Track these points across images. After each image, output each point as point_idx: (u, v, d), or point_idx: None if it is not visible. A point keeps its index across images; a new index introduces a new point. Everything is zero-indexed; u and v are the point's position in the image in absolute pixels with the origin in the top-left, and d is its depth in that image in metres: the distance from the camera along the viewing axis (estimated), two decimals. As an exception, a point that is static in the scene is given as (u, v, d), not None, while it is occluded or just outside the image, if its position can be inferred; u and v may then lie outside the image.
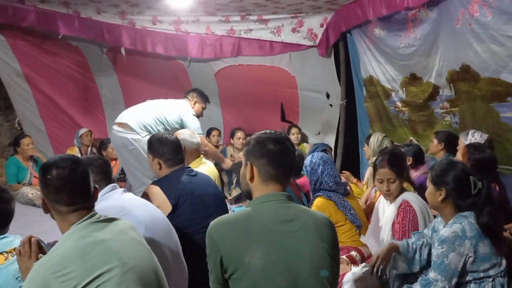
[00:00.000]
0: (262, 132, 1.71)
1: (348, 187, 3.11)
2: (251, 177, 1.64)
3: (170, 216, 2.41)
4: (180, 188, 2.52)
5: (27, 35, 5.20)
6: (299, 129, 5.89)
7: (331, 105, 5.84)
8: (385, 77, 4.77)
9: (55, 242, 1.75)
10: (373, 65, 4.91)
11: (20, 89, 5.53)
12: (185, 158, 2.88)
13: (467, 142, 3.29)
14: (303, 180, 3.68)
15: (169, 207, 2.46)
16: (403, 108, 4.70)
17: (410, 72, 4.33)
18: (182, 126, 3.91)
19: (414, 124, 4.67)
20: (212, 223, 1.56)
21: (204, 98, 4.30)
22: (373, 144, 4.07)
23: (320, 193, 2.96)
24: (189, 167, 2.80)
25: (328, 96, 5.80)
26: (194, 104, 4.22)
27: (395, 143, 4.43)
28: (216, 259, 1.51)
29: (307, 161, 3.11)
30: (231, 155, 5.69)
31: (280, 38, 5.49)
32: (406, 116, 4.72)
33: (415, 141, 4.47)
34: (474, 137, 3.35)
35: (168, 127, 3.89)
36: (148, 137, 3.29)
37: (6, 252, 1.75)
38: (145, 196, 2.53)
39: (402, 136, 4.90)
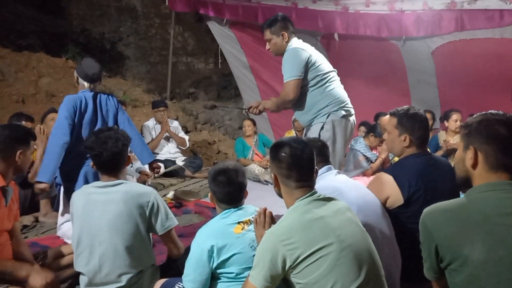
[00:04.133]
0: (488, 112, 1.51)
1: None
2: (474, 164, 1.48)
3: (398, 209, 2.28)
4: (416, 183, 2.26)
5: (251, 29, 5.81)
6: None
7: None
8: None
9: (276, 216, 1.98)
10: None
11: (247, 80, 6.32)
12: None
13: None
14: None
15: (400, 200, 2.27)
16: None
17: None
18: None
19: None
20: (426, 210, 1.50)
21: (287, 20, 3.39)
22: None
23: None
24: (429, 153, 2.48)
25: None
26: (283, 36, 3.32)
27: None
28: (431, 248, 1.46)
29: None
30: (444, 140, 5.22)
31: (513, 5, 4.75)
32: None
33: None
34: None
35: None
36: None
37: (243, 222, 1.99)
38: (376, 181, 2.43)
39: None
